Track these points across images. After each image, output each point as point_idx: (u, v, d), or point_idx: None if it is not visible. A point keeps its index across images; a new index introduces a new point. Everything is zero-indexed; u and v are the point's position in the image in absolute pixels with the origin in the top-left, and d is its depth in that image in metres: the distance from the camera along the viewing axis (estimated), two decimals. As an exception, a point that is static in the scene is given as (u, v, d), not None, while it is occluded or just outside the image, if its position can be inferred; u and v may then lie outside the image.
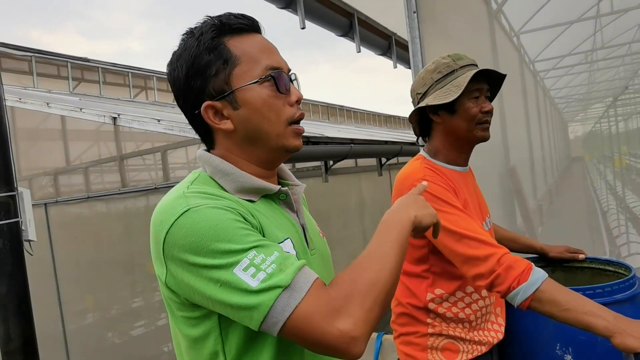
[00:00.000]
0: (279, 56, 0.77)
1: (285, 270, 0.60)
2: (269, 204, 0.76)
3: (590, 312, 0.86)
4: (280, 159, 0.80)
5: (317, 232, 0.87)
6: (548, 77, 4.25)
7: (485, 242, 0.97)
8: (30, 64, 6.88)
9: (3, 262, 1.84)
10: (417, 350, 1.14)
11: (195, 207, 0.64)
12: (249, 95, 0.72)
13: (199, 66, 0.72)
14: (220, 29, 0.73)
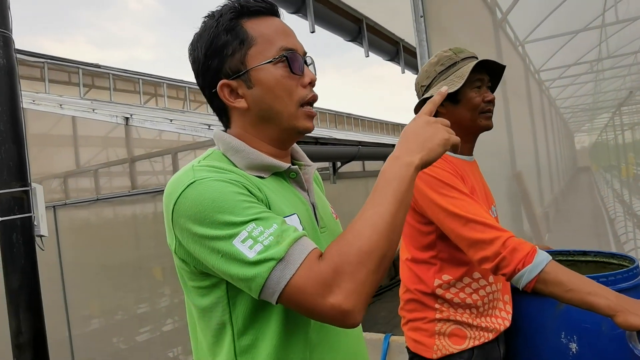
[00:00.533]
0: (295, 39, 0.79)
1: (282, 242, 0.61)
2: (279, 182, 0.78)
3: (593, 292, 0.88)
4: (292, 139, 0.81)
5: (330, 212, 0.89)
6: (553, 87, 4.27)
7: (491, 226, 0.99)
8: (42, 70, 7.01)
9: (16, 257, 1.87)
10: (425, 335, 1.15)
11: (200, 179, 0.66)
12: (262, 74, 0.75)
13: (217, 46, 0.75)
14: (238, 11, 0.76)
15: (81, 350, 4.03)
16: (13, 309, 1.84)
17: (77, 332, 4.13)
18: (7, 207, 1.86)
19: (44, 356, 1.90)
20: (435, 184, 1.05)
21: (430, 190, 1.06)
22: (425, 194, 1.07)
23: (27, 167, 1.95)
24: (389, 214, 0.63)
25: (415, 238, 1.16)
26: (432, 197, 1.05)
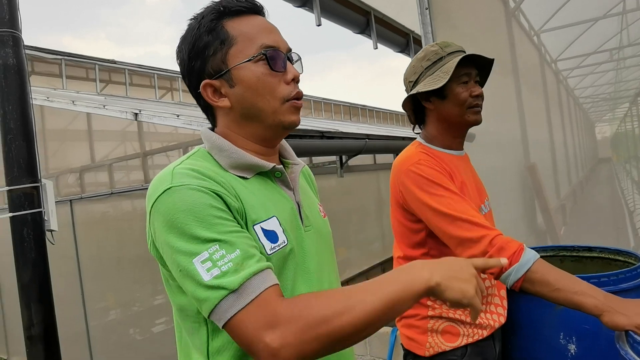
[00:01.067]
0: (278, 36, 0.79)
1: (240, 271, 0.61)
2: (264, 181, 0.79)
3: (580, 292, 0.86)
4: (278, 136, 0.82)
5: (317, 211, 0.89)
6: (571, 77, 4.15)
7: (478, 224, 0.98)
8: (60, 66, 7.14)
9: (27, 251, 1.92)
10: (418, 332, 1.15)
11: (176, 186, 0.67)
12: (243, 73, 0.75)
13: (199, 47, 0.76)
14: (220, 12, 0.76)
15: (98, 342, 4.12)
16: (25, 302, 1.90)
17: (94, 324, 4.22)
18: (17, 202, 1.91)
19: (55, 348, 1.96)
20: (423, 183, 1.04)
21: (418, 189, 1.05)
22: (413, 193, 1.06)
23: (37, 164, 1.99)
24: (373, 311, 0.60)
25: (406, 236, 1.15)
26: (419, 196, 1.05)
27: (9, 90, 1.90)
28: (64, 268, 4.12)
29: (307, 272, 0.78)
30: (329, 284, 0.82)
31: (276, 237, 0.73)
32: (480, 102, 1.15)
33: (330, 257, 0.87)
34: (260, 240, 0.71)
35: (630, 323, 0.79)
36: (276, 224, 0.74)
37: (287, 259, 0.75)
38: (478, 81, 1.18)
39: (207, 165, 0.74)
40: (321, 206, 0.93)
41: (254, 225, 0.71)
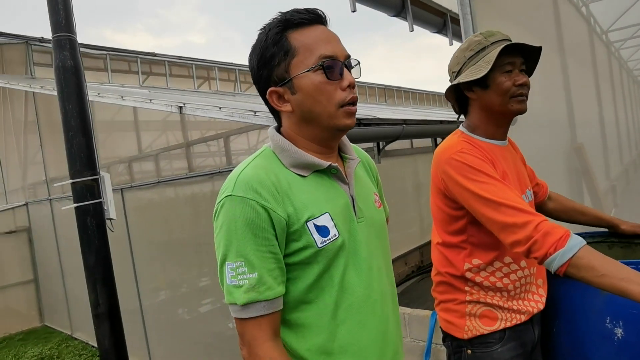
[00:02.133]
0: (336, 45, 0.85)
1: (250, 292, 0.78)
2: (321, 178, 0.88)
3: (626, 279, 0.86)
4: (334, 137, 0.90)
5: (372, 201, 0.97)
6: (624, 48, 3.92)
7: (523, 210, 0.99)
8: (105, 61, 7.47)
9: (90, 238, 2.09)
10: (456, 316, 1.18)
11: (234, 197, 0.80)
12: (303, 82, 0.84)
13: (266, 58, 0.85)
14: (284, 24, 0.84)
15: (151, 320, 4.38)
16: (91, 284, 2.08)
17: (147, 303, 4.49)
18: (80, 194, 2.07)
19: (119, 324, 2.14)
20: (465, 170, 1.07)
21: (461, 176, 1.07)
22: (456, 180, 1.08)
23: (96, 158, 2.15)
24: None
25: (446, 222, 1.18)
26: (462, 183, 1.07)
27: (68, 91, 2.06)
28: (118, 251, 4.37)
29: (358, 260, 0.87)
30: (377, 270, 0.91)
31: (327, 231, 0.83)
32: (525, 91, 1.15)
33: (381, 244, 0.96)
34: (312, 235, 0.82)
35: None
36: (328, 219, 0.83)
37: (339, 250, 0.84)
38: (524, 70, 1.17)
39: (271, 165, 0.85)
40: (377, 195, 1.01)
41: (307, 222, 0.82)
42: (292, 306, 0.84)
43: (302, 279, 0.83)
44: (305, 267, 0.83)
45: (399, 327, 0.97)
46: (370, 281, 0.88)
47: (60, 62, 2.05)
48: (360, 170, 1.00)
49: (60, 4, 2.06)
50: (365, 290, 0.87)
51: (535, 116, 2.92)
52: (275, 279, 0.80)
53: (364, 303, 0.86)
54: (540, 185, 1.43)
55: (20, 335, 5.98)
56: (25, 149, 6.31)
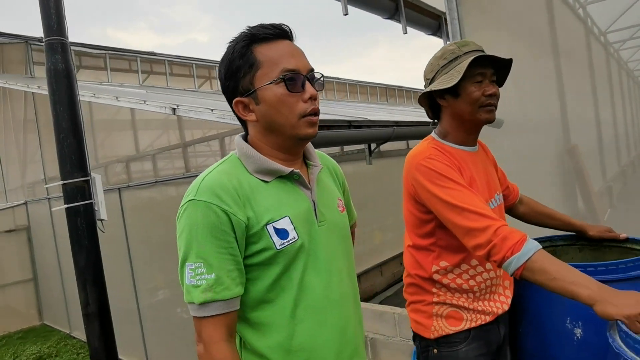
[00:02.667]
0: (299, 59, 0.90)
1: (207, 292, 0.82)
2: (283, 184, 0.92)
3: (576, 282, 0.89)
4: (296, 145, 0.94)
5: (335, 206, 1.01)
6: (624, 49, 3.92)
7: (484, 215, 1.03)
8: (104, 60, 7.51)
9: (80, 238, 2.12)
10: (424, 317, 1.22)
11: (197, 200, 0.84)
12: (266, 93, 0.88)
13: (232, 70, 0.90)
14: (250, 39, 0.89)
15: (148, 320, 4.41)
16: (81, 284, 2.11)
17: (144, 303, 4.52)
18: (71, 195, 2.11)
19: (109, 324, 2.17)
20: (432, 176, 1.10)
21: (428, 181, 1.10)
22: (424, 186, 1.11)
23: (87, 159, 2.18)
24: None
25: (416, 226, 1.22)
26: (429, 188, 1.10)
27: (59, 93, 2.09)
28: (115, 251, 4.42)
29: (318, 262, 0.91)
30: (338, 272, 0.95)
31: (287, 234, 0.88)
32: (494, 101, 1.18)
33: (344, 247, 0.99)
34: (271, 238, 0.86)
35: (619, 313, 0.82)
36: (287, 222, 0.88)
37: (298, 252, 0.89)
38: (495, 80, 1.20)
39: (235, 171, 0.89)
40: (340, 200, 1.05)
41: (267, 225, 0.86)
42: (253, 305, 0.88)
43: (262, 279, 0.87)
44: (265, 268, 0.87)
45: (360, 326, 1.00)
46: (329, 282, 0.92)
47: (52, 65, 2.08)
48: (325, 176, 1.04)
49: (53, 9, 2.08)
50: (324, 290, 0.91)
51: (529, 117, 2.93)
52: (233, 280, 0.84)
53: (323, 303, 0.90)
54: (511, 189, 1.46)
55: (20, 334, 6.04)
56: (24, 147, 6.36)
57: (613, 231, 1.36)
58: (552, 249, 1.46)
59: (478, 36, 2.58)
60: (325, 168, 1.06)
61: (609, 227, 1.37)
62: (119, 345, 4.31)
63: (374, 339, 2.91)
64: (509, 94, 2.89)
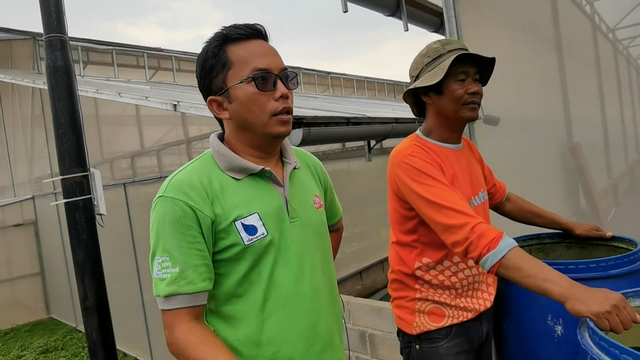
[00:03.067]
0: (271, 58, 0.91)
1: (171, 285, 0.83)
2: (255, 181, 0.94)
3: (548, 279, 0.90)
4: (270, 144, 0.95)
5: (310, 203, 1.02)
6: (634, 45, 3.86)
7: (462, 212, 1.03)
8: (112, 56, 7.57)
9: (80, 233, 2.16)
10: (407, 313, 1.23)
11: (165, 197, 0.87)
12: (238, 92, 0.90)
13: (206, 69, 0.92)
14: (223, 39, 0.91)
15: (152, 314, 4.46)
16: (80, 278, 2.15)
17: (149, 297, 4.58)
18: (70, 190, 2.14)
19: (107, 318, 2.21)
20: (413, 173, 1.11)
21: (409, 178, 1.11)
22: (405, 182, 1.12)
23: (86, 155, 2.21)
24: None
25: (399, 222, 1.23)
26: (410, 185, 1.11)
27: (58, 90, 2.12)
28: (120, 245, 4.48)
29: (288, 257, 0.93)
30: (310, 267, 0.96)
31: (255, 230, 0.89)
32: (477, 99, 1.19)
33: (319, 243, 1.00)
34: (239, 233, 0.88)
35: (588, 310, 0.83)
36: (256, 219, 0.90)
37: (267, 247, 0.90)
38: (478, 79, 1.20)
39: (206, 169, 0.91)
40: (318, 197, 1.05)
41: (235, 221, 0.88)
42: (224, 299, 0.90)
43: (232, 274, 0.89)
44: (234, 263, 0.89)
45: (337, 321, 1.02)
46: (300, 277, 0.93)
47: (52, 61, 2.11)
48: (302, 174, 1.05)
49: (52, 6, 2.11)
50: (294, 285, 0.92)
51: (529, 115, 2.91)
52: (199, 275, 0.85)
53: (293, 297, 0.92)
54: (498, 187, 1.46)
55: (27, 327, 6.14)
56: (32, 143, 6.45)
57: (600, 229, 1.36)
58: (540, 246, 1.46)
59: (475, 34, 2.56)
60: (305, 165, 1.07)
61: (596, 225, 1.37)
62: (123, 339, 4.36)
63: (372, 334, 2.92)
64: (507, 92, 2.88)
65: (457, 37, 2.38)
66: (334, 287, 1.05)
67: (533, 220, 1.43)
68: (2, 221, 6.41)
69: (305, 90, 10.56)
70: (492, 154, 2.18)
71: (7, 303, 6.26)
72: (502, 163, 2.40)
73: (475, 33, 2.56)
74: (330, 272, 1.04)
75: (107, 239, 3.11)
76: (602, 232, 1.35)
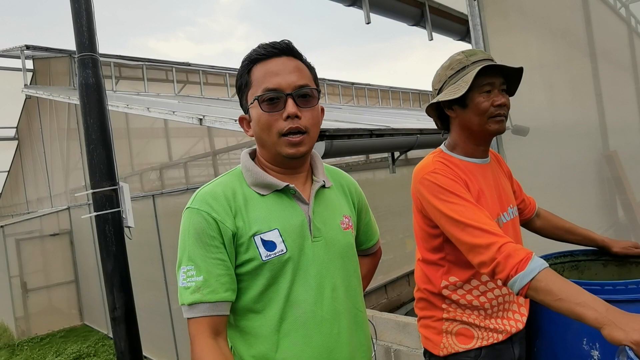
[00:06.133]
0: (284, 76, 0.90)
1: (196, 293, 0.85)
2: (280, 197, 0.94)
3: (582, 303, 0.85)
4: (287, 163, 0.95)
5: (337, 224, 1.00)
6: (673, 48, 3.71)
7: (488, 232, 0.99)
8: (142, 71, 7.83)
9: (109, 245, 2.21)
10: (433, 333, 1.19)
11: (192, 208, 0.90)
12: (253, 112, 0.93)
13: (238, 87, 0.97)
14: (249, 58, 0.94)
15: (179, 322, 4.53)
16: (109, 289, 2.20)
17: (176, 306, 4.65)
18: (100, 203, 2.20)
19: (135, 328, 2.24)
20: (436, 190, 1.08)
21: (433, 196, 1.08)
22: (428, 200, 1.09)
23: (115, 169, 2.27)
24: None
25: (425, 240, 1.19)
26: (434, 203, 1.08)
27: (90, 106, 2.19)
28: (149, 255, 4.58)
29: (307, 276, 0.92)
30: (332, 289, 0.94)
31: (274, 246, 0.90)
32: (504, 111, 1.14)
33: (344, 265, 0.98)
34: (258, 248, 0.89)
35: (627, 338, 0.78)
36: (276, 235, 0.90)
37: (285, 264, 0.90)
38: (505, 89, 1.16)
39: (233, 183, 0.94)
40: (347, 217, 1.03)
41: (254, 236, 0.89)
42: (242, 314, 0.91)
43: (251, 289, 0.90)
44: (253, 277, 0.90)
45: (362, 349, 0.98)
46: (320, 298, 0.92)
47: (84, 79, 2.19)
48: (332, 193, 1.04)
49: (85, 26, 2.20)
50: (312, 306, 0.91)
51: (561, 124, 2.82)
52: (222, 285, 0.86)
53: (311, 319, 0.90)
54: (527, 202, 1.40)
55: (62, 333, 6.34)
56: (67, 155, 6.70)
57: (639, 246, 1.28)
58: (574, 264, 1.39)
59: (502, 42, 2.51)
60: (337, 185, 1.07)
61: (635, 242, 1.29)
62: (150, 346, 4.43)
63: (397, 350, 2.86)
64: (537, 100, 2.79)
65: (483, 45, 2.34)
66: (359, 312, 1.01)
67: (565, 237, 1.36)
68: (40, 230, 6.67)
69: (330, 101, 10.59)
70: (521, 166, 2.11)
71: (44, 309, 6.49)
72: (532, 175, 2.31)
73: (502, 41, 2.51)
74: (356, 296, 1.01)
75: (136, 248, 3.17)
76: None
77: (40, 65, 7.56)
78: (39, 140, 7.49)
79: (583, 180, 2.95)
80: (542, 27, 2.76)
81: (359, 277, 1.05)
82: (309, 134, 0.93)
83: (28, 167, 8.37)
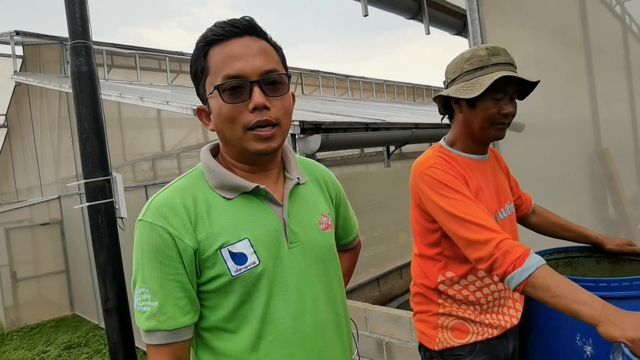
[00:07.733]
0: (248, 61, 0.76)
1: (151, 320, 0.76)
2: (249, 200, 0.81)
3: (579, 300, 0.85)
4: (254, 160, 0.82)
5: (314, 225, 0.88)
6: (668, 47, 3.73)
7: (486, 227, 0.99)
8: (135, 59, 7.73)
9: (102, 235, 2.19)
10: (429, 327, 1.20)
11: (144, 221, 0.77)
12: (212, 103, 0.78)
13: (194, 74, 0.81)
14: (205, 39, 0.78)
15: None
16: (101, 280, 2.18)
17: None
18: (93, 193, 2.17)
19: (127, 319, 2.23)
20: (436, 185, 1.07)
21: (431, 191, 1.08)
22: (427, 195, 1.09)
23: (108, 159, 2.24)
24: None
25: (423, 235, 1.19)
26: (432, 198, 1.08)
27: (82, 95, 2.16)
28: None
29: (286, 289, 0.81)
30: (313, 300, 0.84)
31: (245, 258, 0.77)
32: (508, 120, 1.13)
33: (324, 270, 0.87)
34: (226, 263, 0.77)
35: (623, 335, 0.78)
36: (247, 245, 0.78)
37: (259, 278, 0.78)
38: (514, 98, 1.15)
39: (193, 187, 0.80)
40: (325, 216, 0.91)
41: (221, 248, 0.77)
42: (214, 334, 0.80)
43: (221, 308, 0.79)
44: (222, 295, 0.78)
45: (344, 353, 0.90)
46: (301, 312, 0.81)
47: (76, 67, 2.15)
48: (307, 190, 0.91)
49: (77, 13, 2.15)
50: (293, 322, 0.81)
51: (554, 120, 2.83)
52: (181, 309, 0.76)
53: (292, 336, 0.80)
54: (524, 199, 1.41)
55: (52, 323, 6.30)
56: (58, 144, 6.62)
57: (633, 244, 1.30)
58: (568, 260, 1.41)
59: (499, 36, 2.51)
60: (312, 179, 0.94)
61: (629, 240, 1.31)
62: (142, 338, 4.45)
63: (389, 343, 2.89)
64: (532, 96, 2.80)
65: (481, 39, 2.34)
66: (342, 318, 0.91)
67: (560, 233, 1.38)
68: (30, 220, 6.60)
69: (324, 94, 10.55)
70: (516, 161, 2.12)
71: (34, 299, 6.45)
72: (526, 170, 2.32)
73: (500, 36, 2.50)
74: (337, 302, 0.90)
75: (129, 239, 3.15)
76: (635, 247, 1.28)
77: (30, 51, 7.43)
78: (29, 128, 7.38)
79: (575, 177, 2.98)
80: (539, 23, 2.76)
81: (341, 279, 0.95)
82: (280, 127, 0.79)
83: (18, 155, 8.26)
